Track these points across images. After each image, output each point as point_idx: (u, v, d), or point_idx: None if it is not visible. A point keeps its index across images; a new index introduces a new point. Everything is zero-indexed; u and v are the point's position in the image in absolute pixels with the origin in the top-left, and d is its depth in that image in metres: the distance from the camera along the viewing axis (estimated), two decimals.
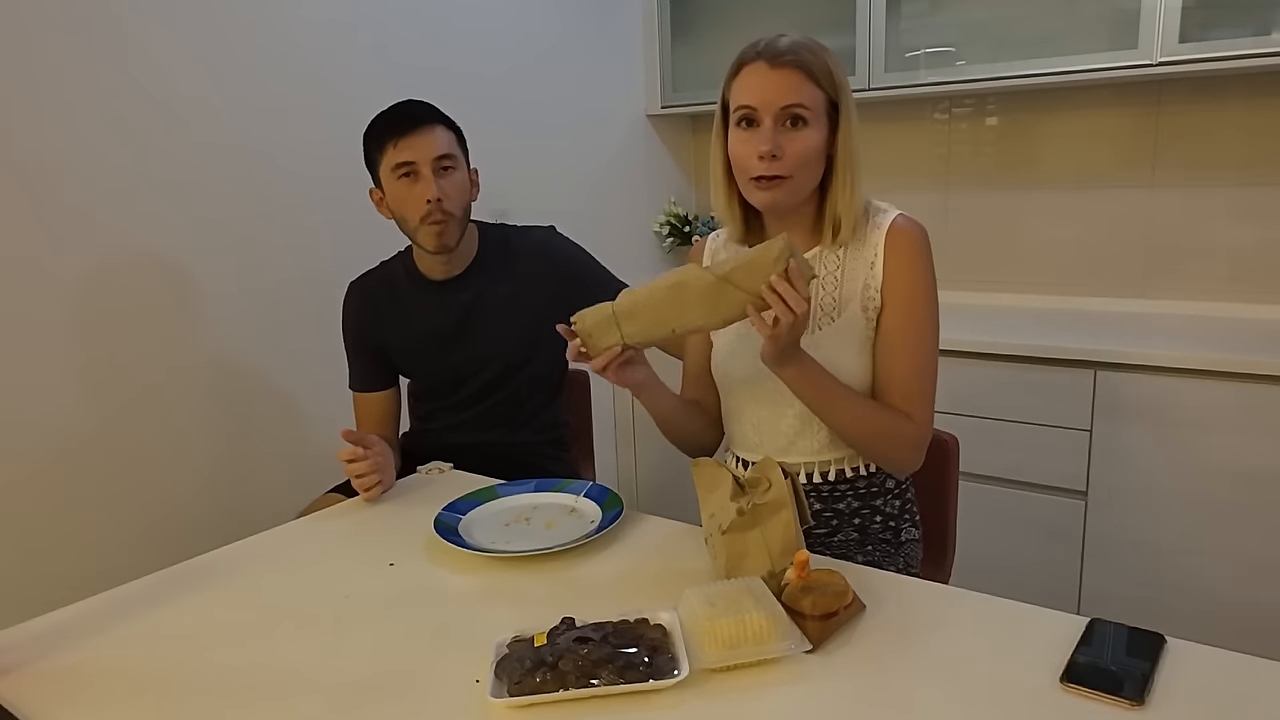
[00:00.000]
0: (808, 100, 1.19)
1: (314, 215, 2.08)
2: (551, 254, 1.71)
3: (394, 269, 1.70)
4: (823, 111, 1.21)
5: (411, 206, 1.54)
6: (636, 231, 3.04)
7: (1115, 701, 0.82)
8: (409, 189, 1.53)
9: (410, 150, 1.52)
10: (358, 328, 1.70)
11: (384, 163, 1.54)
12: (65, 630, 1.06)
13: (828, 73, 1.21)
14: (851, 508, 1.34)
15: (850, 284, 1.26)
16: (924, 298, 1.25)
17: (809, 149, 1.20)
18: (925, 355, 1.26)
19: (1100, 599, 2.13)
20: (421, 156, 1.52)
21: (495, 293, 1.66)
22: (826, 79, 1.21)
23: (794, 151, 1.19)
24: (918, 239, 1.25)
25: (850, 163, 1.24)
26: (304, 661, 0.96)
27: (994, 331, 2.24)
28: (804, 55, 1.20)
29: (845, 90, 1.23)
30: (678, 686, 0.87)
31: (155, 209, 1.80)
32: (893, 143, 2.75)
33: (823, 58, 1.21)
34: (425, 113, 1.56)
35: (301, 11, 2.01)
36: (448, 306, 1.65)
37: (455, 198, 1.56)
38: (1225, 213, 2.31)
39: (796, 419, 1.30)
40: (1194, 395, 1.94)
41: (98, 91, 1.70)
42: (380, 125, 1.56)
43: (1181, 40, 2.04)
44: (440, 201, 1.52)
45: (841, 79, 1.23)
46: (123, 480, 1.80)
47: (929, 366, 1.26)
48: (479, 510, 1.35)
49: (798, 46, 1.21)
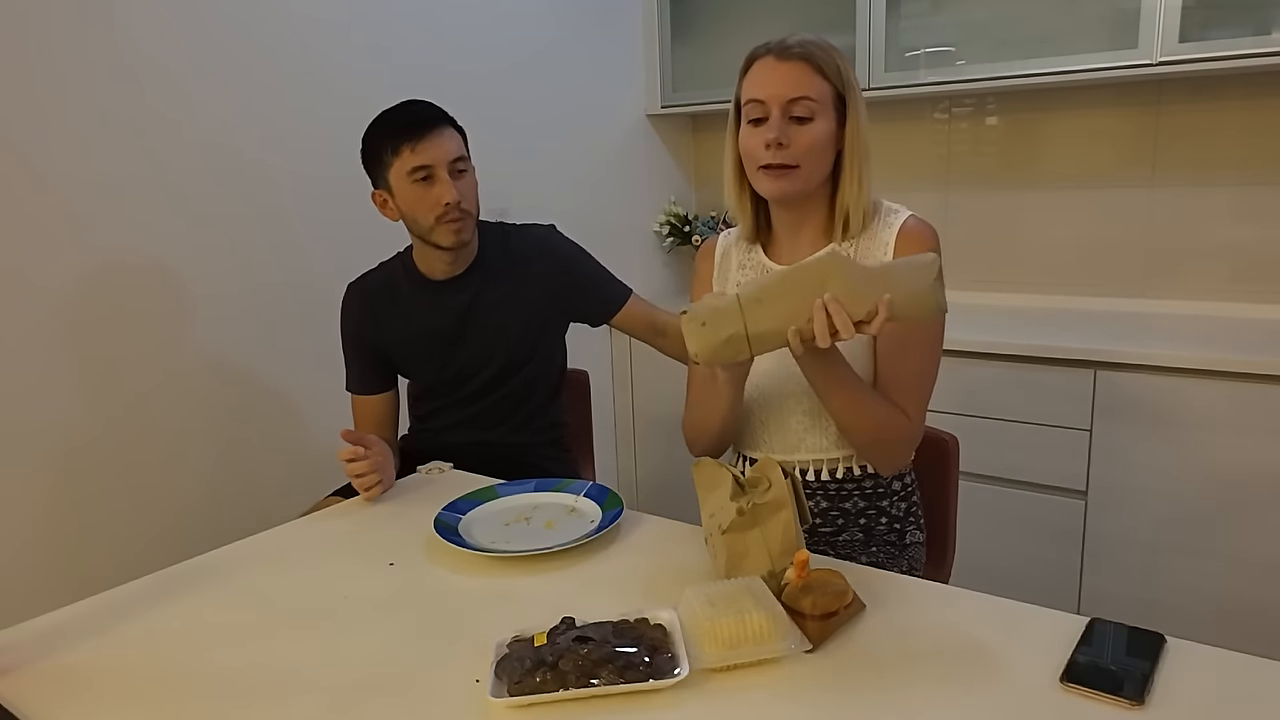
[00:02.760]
0: (814, 93, 1.21)
1: (310, 217, 2.07)
2: (552, 252, 1.71)
3: (393, 270, 1.70)
4: (830, 104, 1.23)
5: (427, 208, 1.54)
6: (636, 231, 3.04)
7: (1115, 701, 0.82)
8: (425, 192, 1.53)
9: (427, 154, 1.51)
10: (356, 329, 1.70)
11: (396, 166, 1.53)
12: (65, 630, 1.06)
13: (835, 68, 1.24)
14: (858, 507, 1.35)
15: None
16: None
17: (816, 139, 1.22)
18: (926, 356, 1.26)
19: (1100, 599, 2.13)
20: (438, 159, 1.52)
21: (495, 291, 1.66)
22: (834, 73, 1.23)
23: (801, 142, 1.22)
24: (929, 240, 1.26)
25: (858, 156, 1.26)
26: (304, 661, 0.96)
27: (994, 331, 2.24)
28: (812, 49, 1.23)
29: (853, 87, 1.26)
30: (678, 686, 0.87)
31: (150, 211, 1.80)
32: (893, 143, 2.75)
33: (831, 54, 1.24)
34: (435, 115, 1.55)
35: (299, 10, 2.01)
36: (448, 306, 1.65)
37: (471, 197, 1.58)
38: (1225, 212, 2.31)
39: (806, 415, 1.31)
40: (1194, 395, 1.94)
41: (90, 93, 1.69)
42: (389, 129, 1.54)
43: (1181, 40, 2.04)
44: (460, 202, 1.53)
45: (850, 77, 1.26)
46: (122, 482, 1.79)
47: (929, 368, 1.27)
48: (479, 510, 1.35)
49: (806, 42, 1.24)
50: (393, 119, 1.55)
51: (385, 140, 1.54)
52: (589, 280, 1.72)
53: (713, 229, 3.02)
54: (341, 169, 1.89)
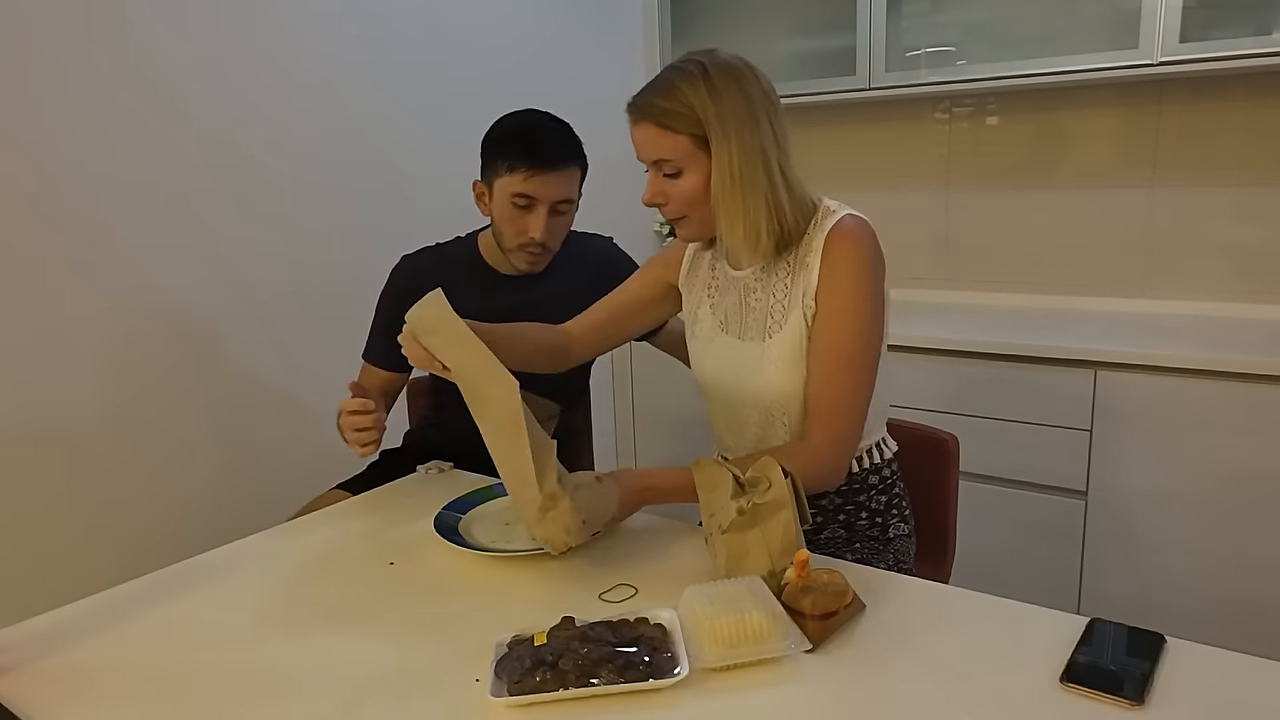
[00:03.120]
0: (667, 152, 1.20)
1: (314, 219, 2.07)
2: (611, 265, 1.72)
3: (453, 254, 1.68)
4: (693, 153, 1.19)
5: (515, 232, 1.54)
6: (636, 231, 3.04)
7: (1115, 701, 0.82)
8: (519, 216, 1.53)
9: (537, 188, 1.50)
10: (397, 303, 1.65)
11: (504, 180, 1.51)
12: (65, 629, 1.06)
13: (687, 114, 1.17)
14: (835, 504, 1.35)
15: (795, 288, 1.24)
16: (852, 301, 1.19)
17: (688, 192, 1.22)
18: (847, 363, 1.20)
19: (1100, 599, 2.13)
20: (544, 197, 1.51)
21: (552, 294, 1.65)
22: (684, 121, 1.17)
23: (676, 196, 1.23)
24: (856, 240, 1.20)
25: (726, 195, 1.19)
26: (304, 661, 0.96)
27: (994, 331, 2.24)
28: (651, 106, 1.18)
29: (720, 120, 1.16)
30: (677, 686, 0.87)
31: (154, 213, 1.80)
32: (893, 143, 2.75)
33: (679, 96, 1.17)
34: (565, 153, 1.52)
35: (300, 11, 2.01)
36: (501, 302, 1.62)
37: (559, 237, 1.58)
38: (1226, 212, 2.31)
39: (757, 427, 1.32)
40: (1194, 395, 1.94)
41: (99, 95, 1.70)
42: (516, 145, 1.51)
43: (1182, 40, 2.04)
44: (545, 242, 1.54)
45: (709, 111, 1.16)
46: (123, 482, 1.80)
47: (853, 375, 1.20)
48: (479, 510, 1.35)
49: (653, 91, 1.19)
50: (524, 135, 1.52)
51: (506, 152, 1.51)
52: None
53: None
54: (345, 172, 1.91)
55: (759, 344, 1.27)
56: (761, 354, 1.26)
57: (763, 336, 1.27)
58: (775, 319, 1.26)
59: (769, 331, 1.27)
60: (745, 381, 1.30)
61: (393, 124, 2.19)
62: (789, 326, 1.24)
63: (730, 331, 1.32)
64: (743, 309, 1.31)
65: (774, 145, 1.19)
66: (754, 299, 1.29)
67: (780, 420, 1.29)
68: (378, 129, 2.17)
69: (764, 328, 1.27)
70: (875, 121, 2.74)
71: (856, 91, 2.49)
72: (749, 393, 1.30)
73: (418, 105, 2.25)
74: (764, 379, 1.27)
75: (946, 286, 2.72)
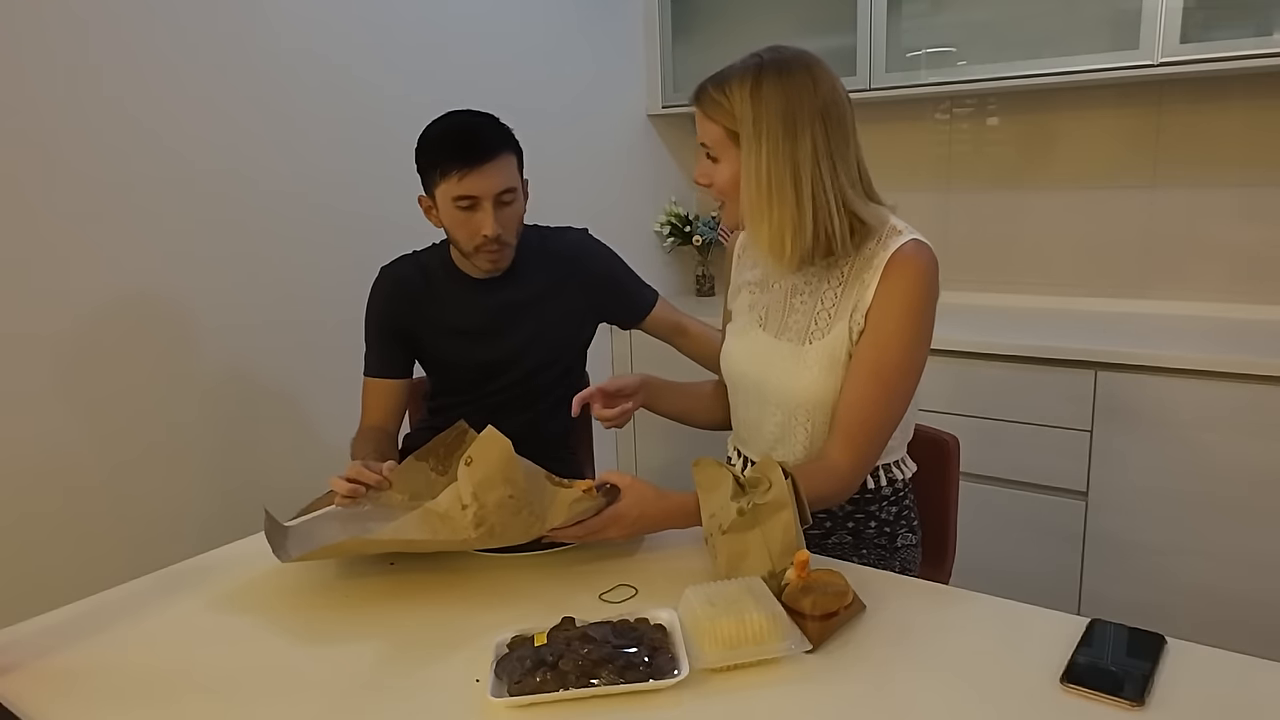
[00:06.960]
0: (708, 138, 1.24)
1: (313, 219, 2.07)
2: (588, 256, 1.70)
3: (429, 261, 1.67)
4: (729, 143, 1.21)
5: (467, 235, 1.53)
6: (637, 231, 3.04)
7: (1115, 702, 0.82)
8: (467, 218, 1.51)
9: (474, 186, 1.48)
10: (385, 313, 1.66)
11: (442, 186, 1.50)
12: (64, 630, 1.06)
13: (726, 107, 1.19)
14: (844, 510, 1.35)
15: (846, 300, 1.24)
16: (902, 329, 1.19)
17: (724, 179, 1.24)
18: (884, 384, 1.20)
19: (1100, 599, 2.13)
20: (484, 192, 1.49)
21: (530, 292, 1.64)
22: (722, 113, 1.20)
23: (716, 180, 1.25)
24: (919, 268, 1.19)
25: (751, 194, 1.19)
26: (304, 661, 0.96)
27: (994, 331, 2.24)
28: (707, 88, 1.22)
29: (748, 122, 1.17)
30: (678, 686, 0.87)
31: (154, 215, 1.80)
32: (893, 143, 2.75)
33: (725, 89, 1.19)
34: (491, 141, 1.50)
35: (300, 11, 2.01)
36: (481, 304, 1.63)
37: (512, 228, 1.55)
38: (1226, 213, 2.31)
39: (777, 427, 1.32)
40: (1194, 395, 1.94)
41: (101, 97, 1.70)
42: (443, 149, 1.50)
43: (1183, 40, 2.04)
44: (499, 235, 1.52)
45: (744, 111, 1.17)
46: (122, 482, 1.79)
47: (886, 396, 1.20)
48: None
49: (710, 82, 1.22)
50: (448, 138, 1.51)
51: (436, 159, 1.50)
52: (622, 284, 1.72)
53: (713, 229, 3.02)
54: (345, 171, 1.91)
55: (796, 346, 1.27)
56: (797, 356, 1.26)
57: (801, 340, 1.27)
58: (819, 325, 1.26)
59: (810, 336, 1.26)
60: (772, 380, 1.29)
61: (391, 124, 2.18)
62: (831, 336, 1.24)
63: (768, 329, 1.32)
64: (785, 308, 1.31)
65: (814, 158, 1.17)
66: (799, 301, 1.29)
67: (802, 425, 1.28)
68: (377, 129, 2.16)
69: (805, 331, 1.27)
70: (875, 122, 2.74)
71: (857, 92, 2.49)
72: (773, 391, 1.29)
73: (417, 105, 2.25)
74: (794, 381, 1.26)
75: (946, 287, 2.68)
